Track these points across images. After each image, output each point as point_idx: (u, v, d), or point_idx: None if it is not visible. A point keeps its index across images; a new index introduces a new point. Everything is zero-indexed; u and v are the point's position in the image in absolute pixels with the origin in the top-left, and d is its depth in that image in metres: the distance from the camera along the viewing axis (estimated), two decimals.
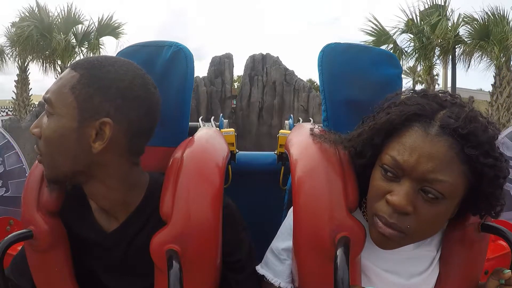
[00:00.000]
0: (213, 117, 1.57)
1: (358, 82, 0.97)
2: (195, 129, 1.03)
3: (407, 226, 0.67)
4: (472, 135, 0.66)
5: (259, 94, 9.86)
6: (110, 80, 0.75)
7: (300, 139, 0.90)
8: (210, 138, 0.96)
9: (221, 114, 1.81)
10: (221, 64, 10.05)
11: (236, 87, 10.12)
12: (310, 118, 1.79)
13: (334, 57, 1.00)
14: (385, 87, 0.93)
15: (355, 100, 0.95)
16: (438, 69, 10.67)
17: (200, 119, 1.36)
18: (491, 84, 9.23)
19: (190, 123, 1.04)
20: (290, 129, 1.50)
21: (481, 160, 0.66)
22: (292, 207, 0.81)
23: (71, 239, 0.85)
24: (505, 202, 0.73)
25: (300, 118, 1.87)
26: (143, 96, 0.78)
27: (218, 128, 1.24)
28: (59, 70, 10.54)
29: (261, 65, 10.07)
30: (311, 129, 0.89)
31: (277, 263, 0.85)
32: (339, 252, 0.69)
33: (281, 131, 1.38)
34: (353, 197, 0.76)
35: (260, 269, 0.87)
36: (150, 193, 0.83)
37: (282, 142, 1.27)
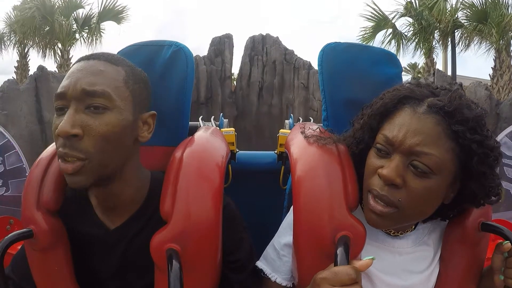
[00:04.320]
0: (213, 117, 1.56)
1: (358, 81, 0.97)
2: (195, 129, 1.03)
3: (399, 200, 0.70)
4: (457, 111, 0.70)
5: (259, 74, 9.67)
6: (145, 77, 0.84)
7: (300, 138, 0.90)
8: (210, 138, 0.96)
9: (221, 114, 1.81)
10: (221, 44, 9.83)
11: (234, 84, 9.98)
12: (310, 118, 1.79)
13: (334, 57, 1.00)
14: (385, 86, 0.93)
15: (355, 99, 0.95)
16: (438, 53, 10.59)
17: (200, 119, 1.36)
18: (491, 67, 9.22)
19: (190, 122, 1.04)
20: (290, 128, 1.50)
21: (468, 136, 0.69)
22: (292, 206, 0.81)
23: (71, 239, 0.85)
24: (500, 190, 0.76)
25: (300, 118, 1.87)
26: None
27: (218, 128, 1.24)
28: (59, 54, 10.33)
29: (261, 45, 9.89)
30: (302, 132, 0.90)
31: (276, 258, 0.86)
32: (339, 251, 0.68)
33: (281, 130, 1.37)
34: (353, 196, 0.76)
35: (258, 262, 0.88)
36: (152, 192, 0.84)
37: (282, 141, 1.27)
